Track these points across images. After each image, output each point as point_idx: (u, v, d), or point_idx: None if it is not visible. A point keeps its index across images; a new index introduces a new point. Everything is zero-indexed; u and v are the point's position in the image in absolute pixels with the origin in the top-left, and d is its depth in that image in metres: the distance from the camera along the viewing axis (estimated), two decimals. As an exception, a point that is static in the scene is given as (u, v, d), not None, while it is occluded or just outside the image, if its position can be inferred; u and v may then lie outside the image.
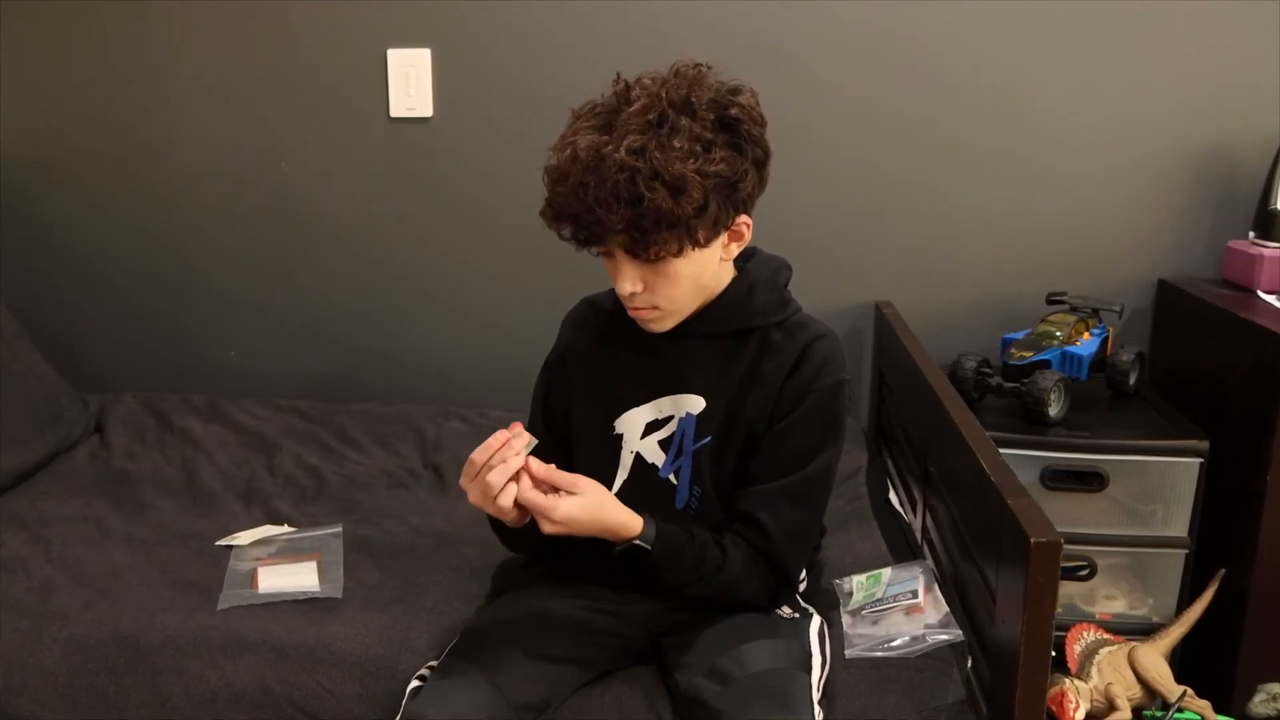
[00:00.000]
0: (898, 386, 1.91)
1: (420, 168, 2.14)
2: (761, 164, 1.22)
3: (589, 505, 1.18)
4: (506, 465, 1.14)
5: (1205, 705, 1.62)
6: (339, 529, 1.66)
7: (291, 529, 1.68)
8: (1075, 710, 1.52)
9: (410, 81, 2.09)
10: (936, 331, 2.06)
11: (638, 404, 1.32)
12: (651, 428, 1.32)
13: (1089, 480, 1.78)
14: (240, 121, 2.16)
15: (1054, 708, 1.53)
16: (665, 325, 1.28)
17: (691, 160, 1.14)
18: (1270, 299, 1.84)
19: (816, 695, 1.21)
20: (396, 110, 2.11)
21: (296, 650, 1.34)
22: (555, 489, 1.17)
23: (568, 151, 1.16)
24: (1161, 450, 1.77)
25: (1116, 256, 2.06)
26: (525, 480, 1.16)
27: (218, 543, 1.63)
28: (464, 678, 1.21)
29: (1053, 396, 1.80)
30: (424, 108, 2.10)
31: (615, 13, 2.04)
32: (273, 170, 2.18)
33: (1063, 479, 1.79)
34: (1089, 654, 1.64)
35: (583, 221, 1.17)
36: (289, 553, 1.59)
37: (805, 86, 2.04)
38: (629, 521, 1.21)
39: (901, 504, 1.83)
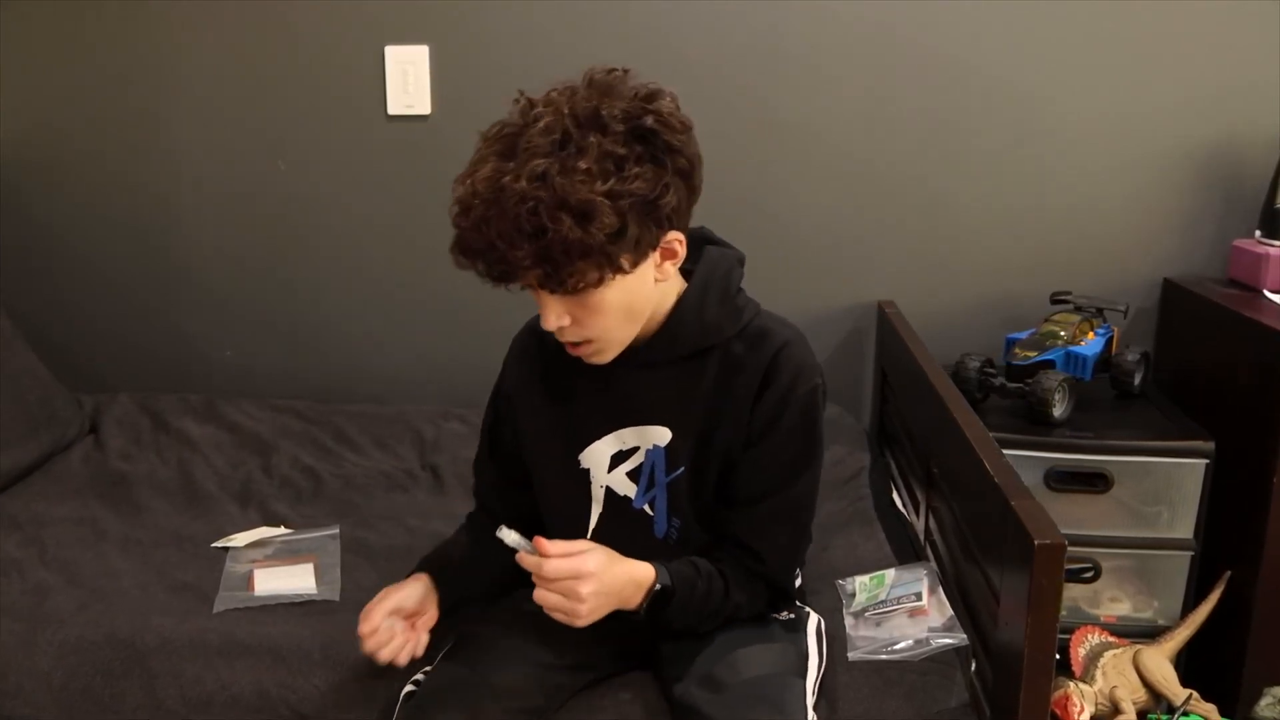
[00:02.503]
0: (900, 387, 1.90)
1: (418, 166, 2.13)
2: (687, 174, 1.12)
3: (609, 555, 1.15)
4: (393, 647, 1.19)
5: (1211, 709, 1.62)
6: (336, 531, 1.65)
7: (288, 530, 1.67)
8: (1080, 714, 1.52)
9: (408, 79, 2.08)
10: (939, 331, 2.05)
11: (599, 437, 1.26)
12: (618, 459, 1.26)
13: (1093, 481, 1.77)
14: (237, 120, 2.15)
15: (1058, 711, 1.53)
16: (606, 357, 1.19)
17: (600, 182, 1.04)
18: (1277, 298, 1.83)
19: (811, 700, 1.20)
20: (394, 108, 2.10)
21: (293, 653, 1.33)
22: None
23: (468, 184, 1.08)
24: (1167, 451, 1.76)
25: (1121, 256, 2.05)
26: (550, 563, 1.11)
27: (214, 544, 1.62)
28: (457, 682, 1.20)
29: (1057, 397, 1.79)
30: (422, 105, 2.09)
31: (615, 11, 2.03)
32: (270, 169, 2.17)
33: (1067, 480, 1.78)
34: (1093, 657, 1.64)
35: (490, 259, 1.09)
36: (285, 555, 1.57)
37: (806, 85, 2.03)
38: (642, 568, 1.18)
39: (904, 505, 1.82)
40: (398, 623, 1.23)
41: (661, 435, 1.24)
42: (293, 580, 1.49)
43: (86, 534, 1.65)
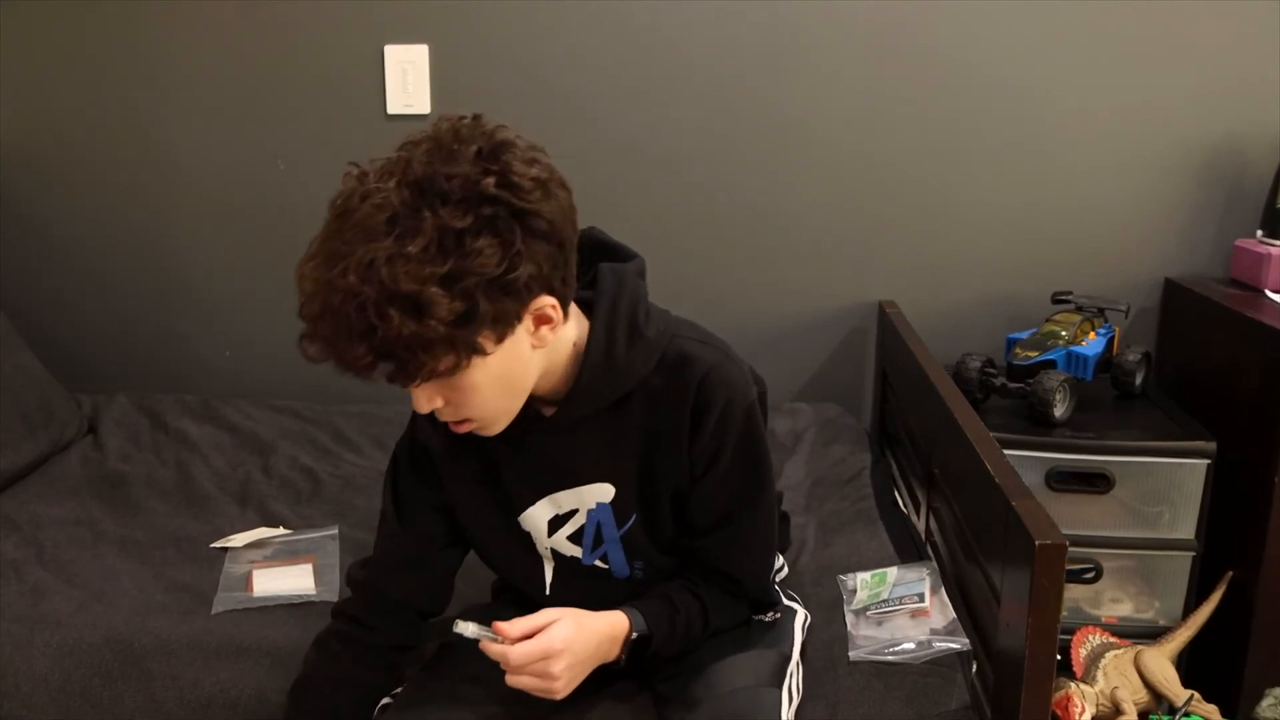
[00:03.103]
0: (901, 387, 1.90)
1: (418, 166, 2.13)
2: (548, 234, 0.99)
3: (575, 624, 1.09)
4: None
5: (1212, 709, 1.61)
6: (335, 531, 1.65)
7: (287, 531, 1.66)
8: (1081, 714, 1.51)
9: (407, 78, 2.08)
10: (940, 331, 2.05)
11: (531, 503, 1.19)
12: (556, 523, 1.19)
13: (1095, 482, 1.77)
14: (235, 119, 2.15)
15: (1059, 712, 1.52)
16: (495, 429, 1.09)
17: (435, 266, 0.92)
18: (1278, 298, 1.82)
19: (789, 704, 1.18)
20: (394, 107, 2.09)
21: (293, 655, 1.32)
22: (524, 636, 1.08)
23: (299, 276, 0.97)
24: (1168, 451, 1.75)
25: (1123, 255, 2.05)
26: (515, 650, 1.06)
27: (212, 545, 1.62)
28: (437, 691, 1.18)
29: (1058, 397, 1.78)
30: (421, 104, 2.09)
31: (616, 9, 2.02)
32: (268, 168, 2.16)
33: (1068, 480, 1.77)
34: (1095, 658, 1.63)
35: (334, 359, 0.97)
36: (284, 555, 1.57)
37: (807, 84, 2.03)
38: (613, 621, 1.13)
39: (905, 506, 1.82)
40: None
41: (604, 492, 1.17)
42: (291, 581, 1.48)
43: (85, 535, 1.65)
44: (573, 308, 1.10)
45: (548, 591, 1.24)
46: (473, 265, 0.94)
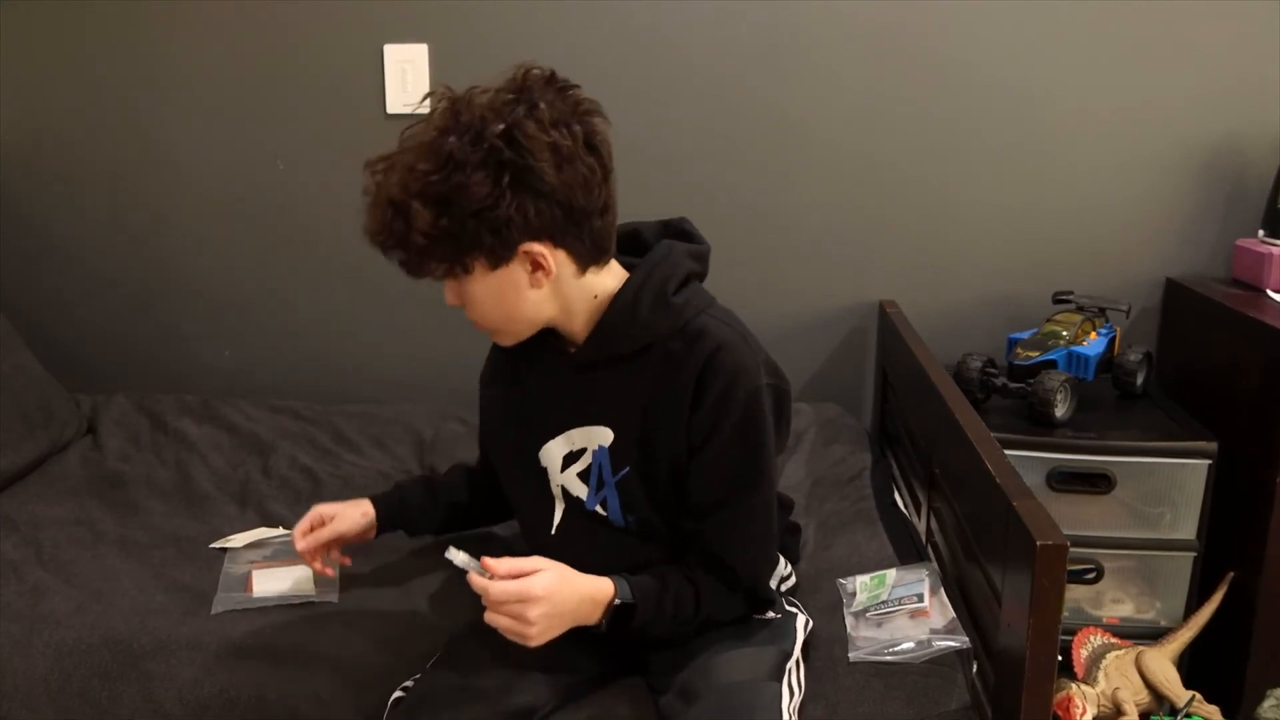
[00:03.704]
0: (902, 387, 1.90)
1: (418, 165, 2.12)
2: (542, 192, 1.11)
3: (559, 577, 1.14)
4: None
5: (1214, 710, 1.61)
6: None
7: (286, 531, 1.66)
8: (1082, 715, 1.51)
9: (407, 77, 2.08)
10: (941, 331, 2.04)
11: (552, 436, 1.27)
12: (569, 460, 1.27)
13: (1096, 482, 1.77)
14: (235, 118, 2.14)
15: (1060, 713, 1.52)
16: (502, 340, 1.26)
17: (426, 184, 1.09)
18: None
19: (790, 702, 1.18)
20: (394, 107, 2.09)
21: (292, 656, 1.32)
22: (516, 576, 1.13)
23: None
24: (1169, 452, 1.75)
25: (1124, 255, 2.04)
26: (496, 585, 1.11)
27: (212, 545, 1.61)
28: (446, 687, 1.19)
29: (1059, 397, 1.78)
30: (421, 104, 2.08)
31: (616, 9, 2.02)
32: (268, 168, 2.16)
33: (1069, 481, 1.77)
34: (1096, 658, 1.63)
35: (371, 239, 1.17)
36: (283, 556, 1.57)
37: (808, 84, 2.03)
38: (599, 584, 1.17)
39: (905, 506, 1.82)
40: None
41: (604, 436, 1.24)
42: (291, 582, 1.48)
43: (84, 535, 1.64)
44: (614, 264, 1.23)
45: (554, 531, 1.29)
46: (460, 195, 1.09)
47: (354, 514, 1.42)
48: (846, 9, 1.99)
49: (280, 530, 1.66)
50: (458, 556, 1.13)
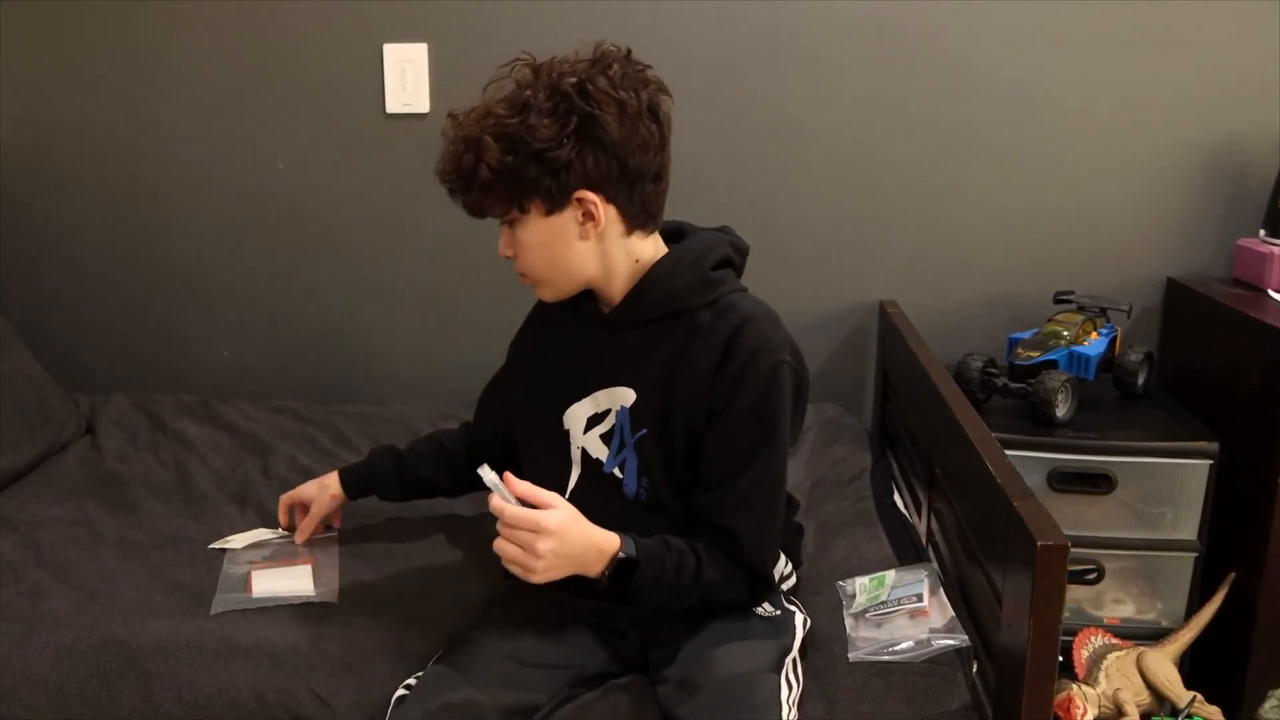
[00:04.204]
0: (902, 387, 1.89)
1: (416, 164, 2.12)
2: (604, 143, 1.19)
3: (572, 517, 1.16)
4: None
5: (1215, 711, 1.61)
6: (335, 532, 1.64)
7: (286, 532, 1.66)
8: (1083, 716, 1.51)
9: (406, 77, 2.07)
10: (942, 331, 2.04)
11: (578, 398, 1.31)
12: (593, 422, 1.31)
13: (1097, 482, 1.76)
14: (233, 118, 2.14)
15: (1061, 714, 1.52)
16: (545, 295, 1.31)
17: (499, 124, 1.18)
18: (1281, 298, 1.82)
19: (789, 694, 1.19)
20: (393, 106, 2.09)
21: (291, 656, 1.32)
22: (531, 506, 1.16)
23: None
24: (1171, 452, 1.75)
25: (1125, 255, 2.04)
26: (511, 509, 1.14)
27: (211, 546, 1.61)
28: (449, 683, 1.20)
29: (1060, 397, 1.78)
30: (420, 104, 2.08)
31: (616, 9, 2.02)
32: (267, 167, 2.16)
33: (1070, 481, 1.77)
34: (1097, 659, 1.63)
35: (443, 179, 1.25)
36: (283, 556, 1.56)
37: (808, 83, 2.02)
38: (607, 536, 1.19)
39: (906, 506, 1.81)
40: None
41: (627, 396, 1.28)
42: (291, 582, 1.48)
43: (83, 535, 1.64)
44: (658, 238, 1.31)
45: (567, 496, 1.29)
46: (528, 135, 1.17)
47: (324, 497, 1.58)
48: (846, 9, 1.99)
49: (279, 531, 1.66)
50: (487, 475, 1.15)
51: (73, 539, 1.62)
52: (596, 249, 1.25)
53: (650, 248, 1.29)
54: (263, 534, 1.64)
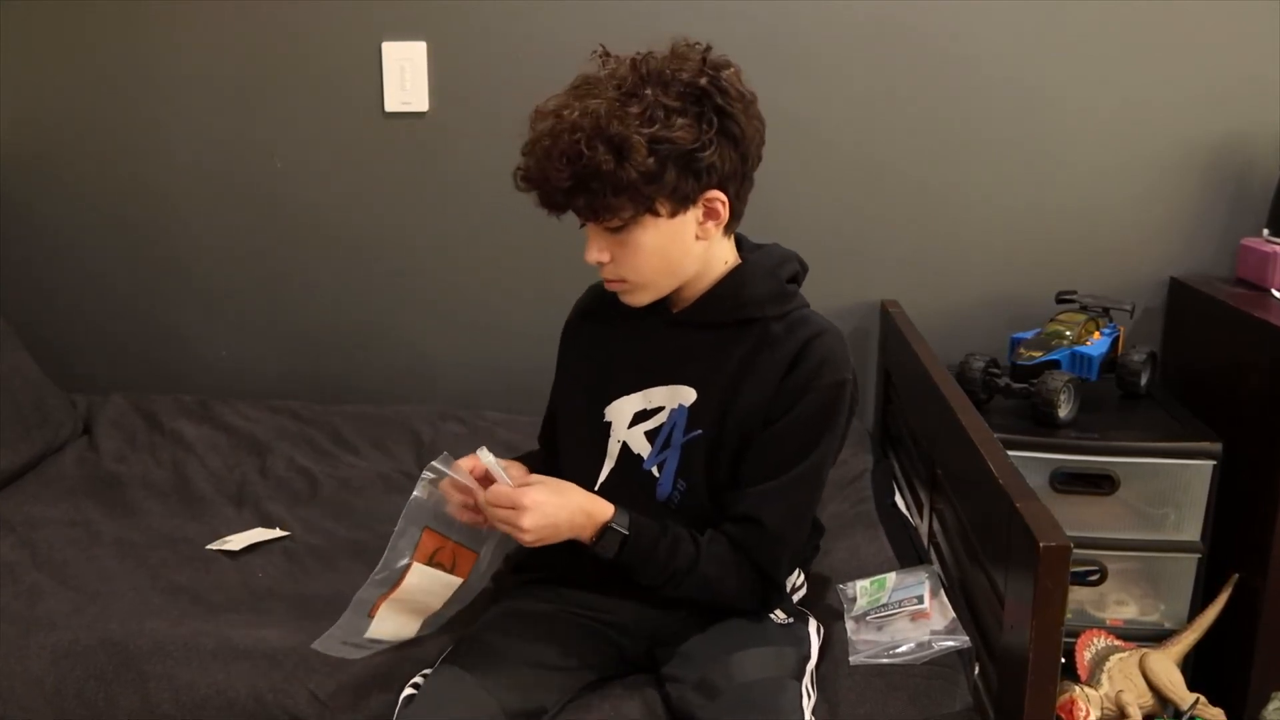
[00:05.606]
0: (904, 387, 1.89)
1: (415, 163, 2.12)
2: (738, 140, 1.19)
3: (551, 489, 1.18)
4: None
5: (1218, 713, 1.60)
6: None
7: (284, 532, 1.65)
8: (1085, 718, 1.50)
9: (405, 75, 2.07)
10: (944, 331, 2.03)
11: (628, 392, 1.31)
12: (639, 417, 1.30)
13: (1099, 483, 1.76)
14: (232, 117, 2.14)
15: (1063, 715, 1.51)
16: (638, 299, 1.27)
17: (640, 124, 1.13)
18: (1284, 297, 1.81)
19: (808, 702, 1.19)
20: (391, 105, 2.09)
21: (289, 657, 1.31)
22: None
23: (537, 111, 1.19)
24: (1173, 452, 1.74)
25: (1127, 254, 2.04)
26: (494, 487, 1.17)
27: (209, 547, 1.61)
28: (457, 684, 1.19)
29: (1062, 397, 1.77)
30: (419, 102, 2.08)
31: (615, 8, 2.01)
32: (265, 167, 2.15)
33: (1072, 481, 1.76)
34: (1099, 660, 1.63)
35: (539, 180, 1.17)
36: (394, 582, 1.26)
37: (810, 81, 2.02)
38: (598, 502, 1.21)
39: (908, 507, 1.81)
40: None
41: (687, 395, 1.27)
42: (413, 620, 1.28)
43: (80, 536, 1.64)
44: (732, 243, 1.31)
45: (596, 488, 1.29)
46: (672, 135, 1.14)
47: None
48: (846, 9, 1.98)
49: (278, 531, 1.65)
50: (487, 458, 1.19)
51: (70, 540, 1.62)
52: (705, 248, 1.25)
53: (731, 250, 1.30)
54: (261, 534, 1.64)
